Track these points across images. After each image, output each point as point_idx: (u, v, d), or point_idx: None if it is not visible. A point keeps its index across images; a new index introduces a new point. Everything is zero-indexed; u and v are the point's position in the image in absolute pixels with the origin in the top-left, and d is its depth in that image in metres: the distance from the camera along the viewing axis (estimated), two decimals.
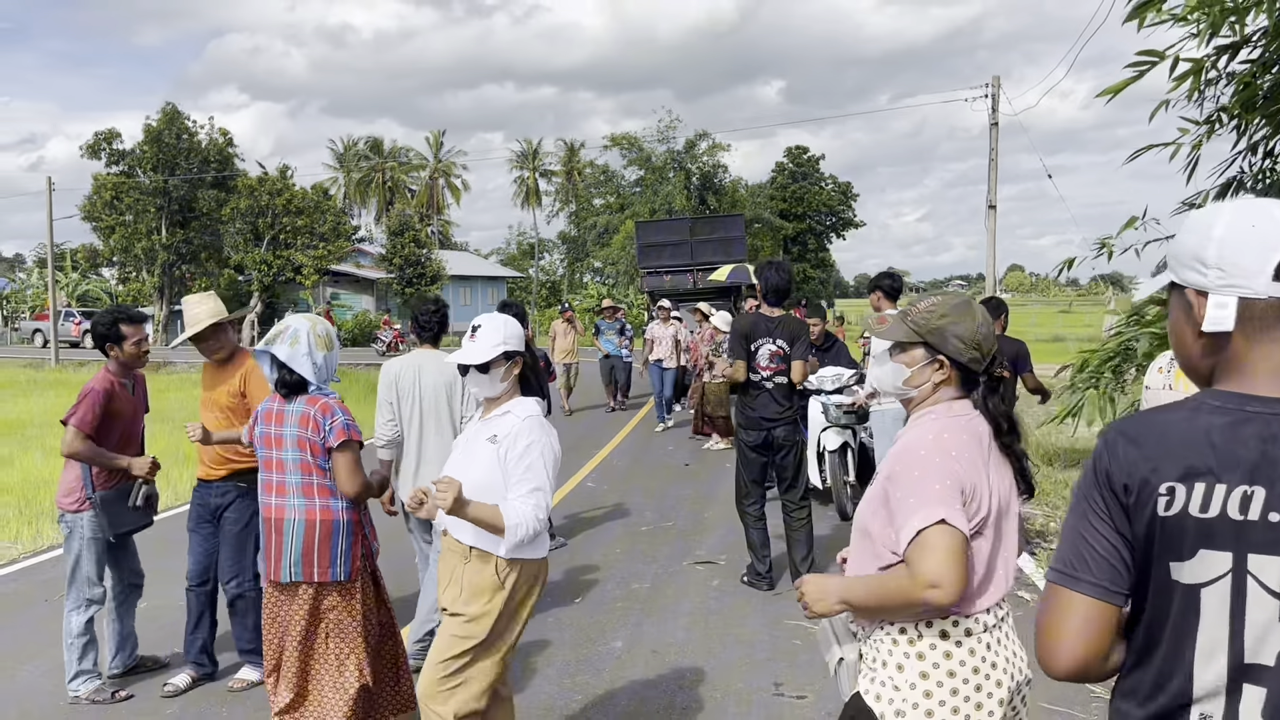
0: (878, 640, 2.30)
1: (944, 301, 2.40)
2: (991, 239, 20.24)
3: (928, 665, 2.22)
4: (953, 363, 2.34)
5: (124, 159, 44.26)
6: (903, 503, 2.18)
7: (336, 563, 3.76)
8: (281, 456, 3.76)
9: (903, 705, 2.21)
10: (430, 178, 74.55)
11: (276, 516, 3.77)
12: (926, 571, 2.09)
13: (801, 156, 61.40)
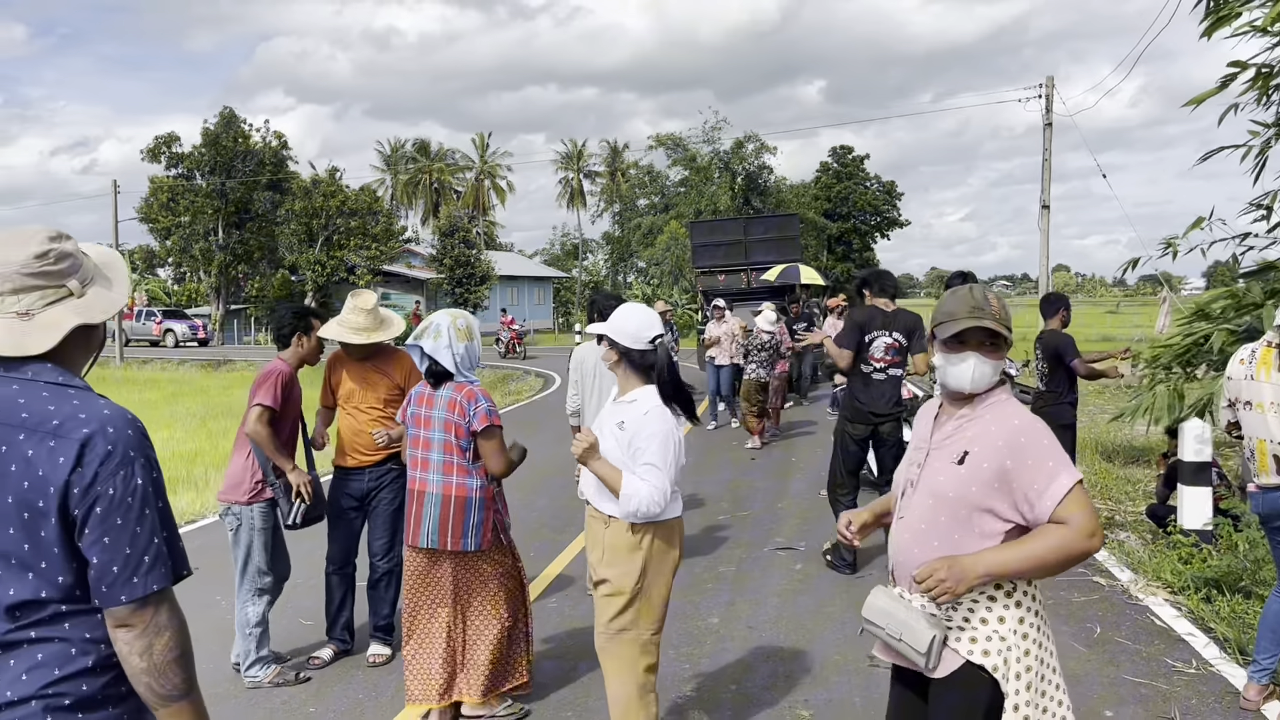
0: (968, 607, 2.50)
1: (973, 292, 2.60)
2: (1044, 239, 20.32)
3: (1024, 611, 2.50)
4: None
5: (182, 162, 45.37)
6: (1040, 468, 2.42)
7: (468, 535, 4.15)
8: (429, 436, 4.17)
9: (1007, 654, 2.45)
10: (476, 179, 75.36)
11: (420, 489, 4.19)
12: (1087, 522, 2.37)
13: (846, 156, 61.33)
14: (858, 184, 60.73)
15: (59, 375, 1.89)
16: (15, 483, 1.77)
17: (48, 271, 1.89)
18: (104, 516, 1.79)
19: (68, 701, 1.79)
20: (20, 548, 1.77)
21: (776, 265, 18.86)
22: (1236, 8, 6.31)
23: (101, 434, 1.80)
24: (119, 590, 1.79)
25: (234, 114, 45.32)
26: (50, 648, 1.80)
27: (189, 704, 1.90)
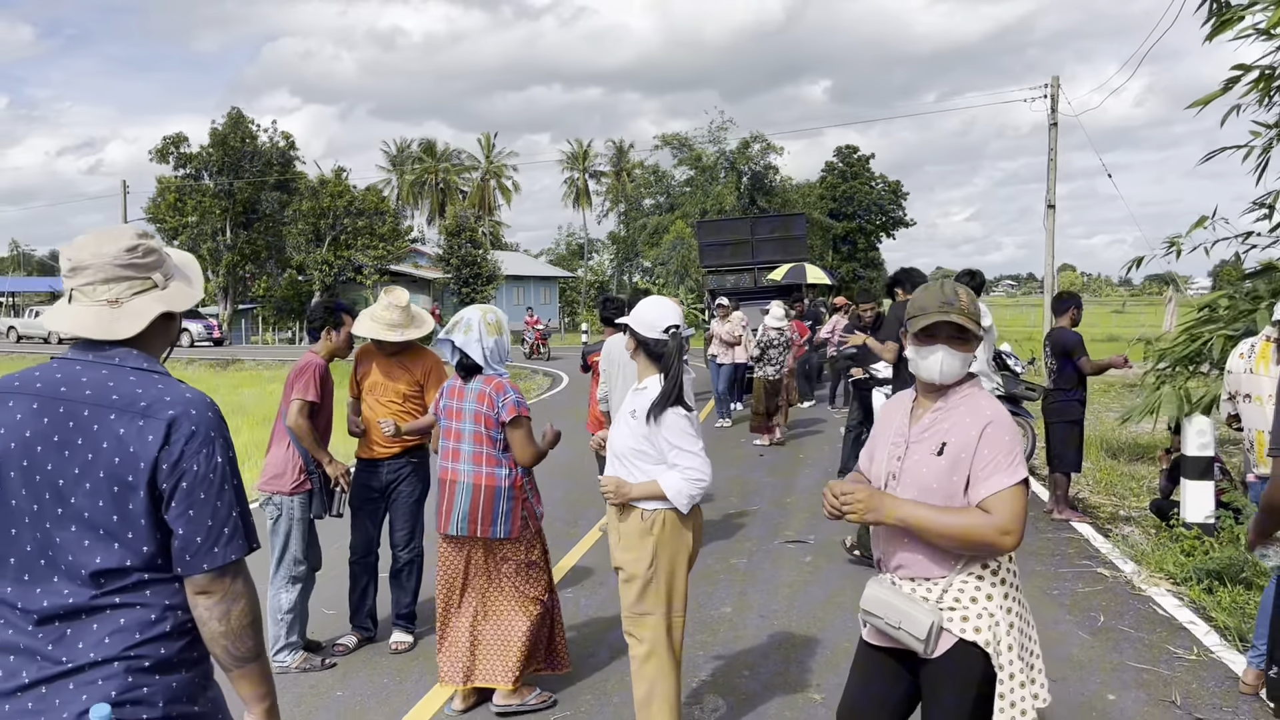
0: (961, 584, 2.63)
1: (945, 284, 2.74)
2: (1050, 239, 20.43)
3: (1007, 588, 2.66)
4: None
5: (190, 162, 45.57)
6: (993, 459, 2.57)
7: (498, 522, 4.29)
8: (460, 427, 4.32)
9: (996, 629, 2.59)
10: (482, 179, 75.52)
11: (451, 479, 4.33)
12: (1005, 520, 2.51)
13: (852, 156, 61.41)
14: (863, 183, 60.77)
15: (143, 361, 2.05)
16: (107, 459, 1.92)
17: (136, 264, 2.04)
18: (189, 491, 1.94)
19: (147, 664, 1.94)
20: (109, 519, 1.92)
21: (783, 265, 19.01)
22: (1240, 11, 6.44)
23: (185, 415, 1.95)
24: (201, 559, 1.94)
25: (242, 114, 45.49)
26: (132, 613, 1.94)
27: (259, 665, 2.06)
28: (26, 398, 1.97)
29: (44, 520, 1.93)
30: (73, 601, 1.92)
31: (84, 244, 2.05)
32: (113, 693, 1.89)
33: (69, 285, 2.06)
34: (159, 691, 1.95)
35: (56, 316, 2.07)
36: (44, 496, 1.93)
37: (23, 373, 2.06)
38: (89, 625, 1.92)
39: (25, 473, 1.93)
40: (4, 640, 1.94)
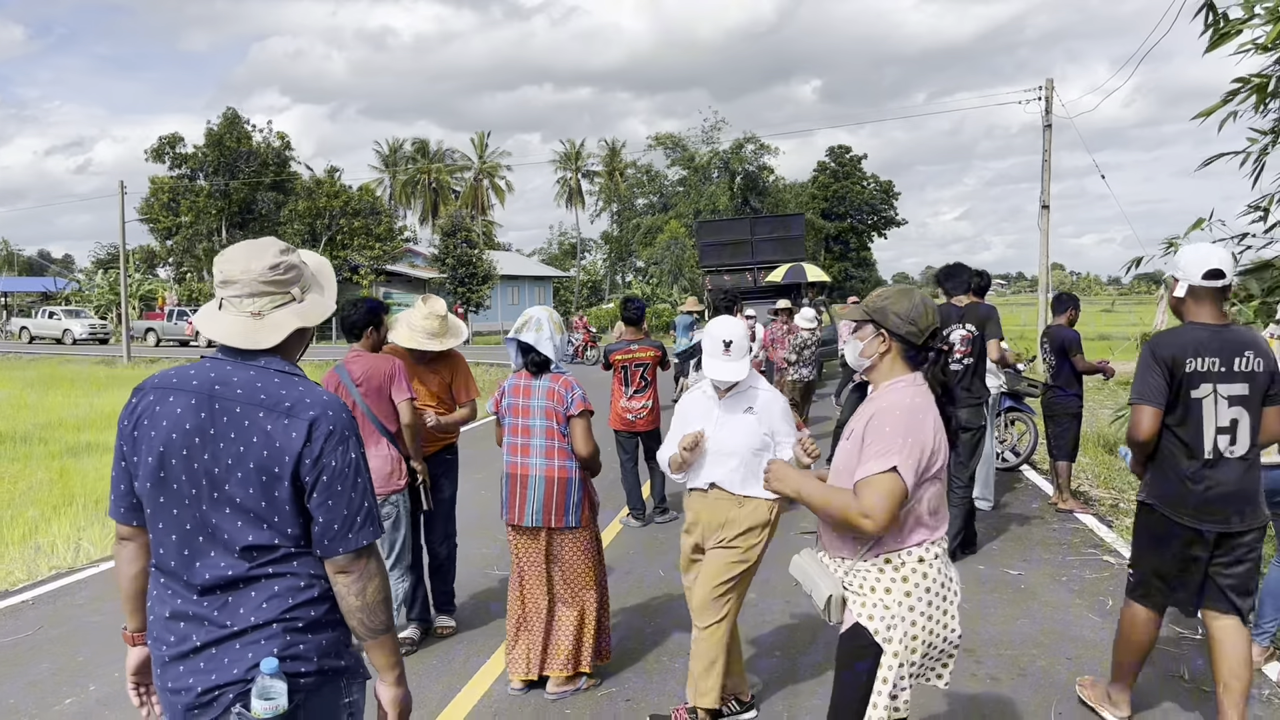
0: (863, 571, 2.83)
1: (888, 289, 3.04)
2: (1044, 238, 20.75)
3: (910, 585, 2.80)
4: (893, 335, 2.90)
5: (186, 162, 45.68)
6: (870, 447, 2.77)
7: (570, 512, 4.54)
8: (528, 424, 4.55)
9: (893, 620, 2.78)
10: (475, 179, 75.65)
11: (521, 473, 4.55)
12: (865, 503, 2.71)
13: (844, 156, 61.89)
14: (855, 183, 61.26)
15: (284, 365, 2.30)
16: (257, 451, 2.16)
17: (277, 280, 2.28)
18: (328, 484, 2.18)
19: (300, 624, 2.19)
20: (258, 504, 2.17)
21: (782, 264, 19.28)
22: (1238, 25, 6.73)
23: (324, 416, 2.20)
24: (338, 544, 2.20)
25: (237, 115, 45.66)
26: (284, 582, 2.20)
27: (389, 637, 2.32)
28: (186, 394, 2.22)
29: (201, 502, 2.18)
30: (230, 573, 2.17)
31: (234, 259, 2.29)
32: (275, 650, 2.15)
33: (220, 294, 2.30)
34: (313, 648, 2.20)
35: (207, 322, 2.31)
36: (201, 482, 2.18)
37: (179, 370, 2.30)
38: (247, 593, 2.18)
39: (185, 460, 2.18)
40: (174, 609, 2.20)
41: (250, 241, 2.36)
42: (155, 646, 2.24)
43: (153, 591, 2.28)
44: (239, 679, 2.14)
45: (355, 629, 2.26)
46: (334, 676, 2.25)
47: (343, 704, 2.29)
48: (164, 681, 2.21)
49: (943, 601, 2.86)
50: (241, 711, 2.14)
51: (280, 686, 2.11)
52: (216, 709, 2.15)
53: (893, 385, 2.91)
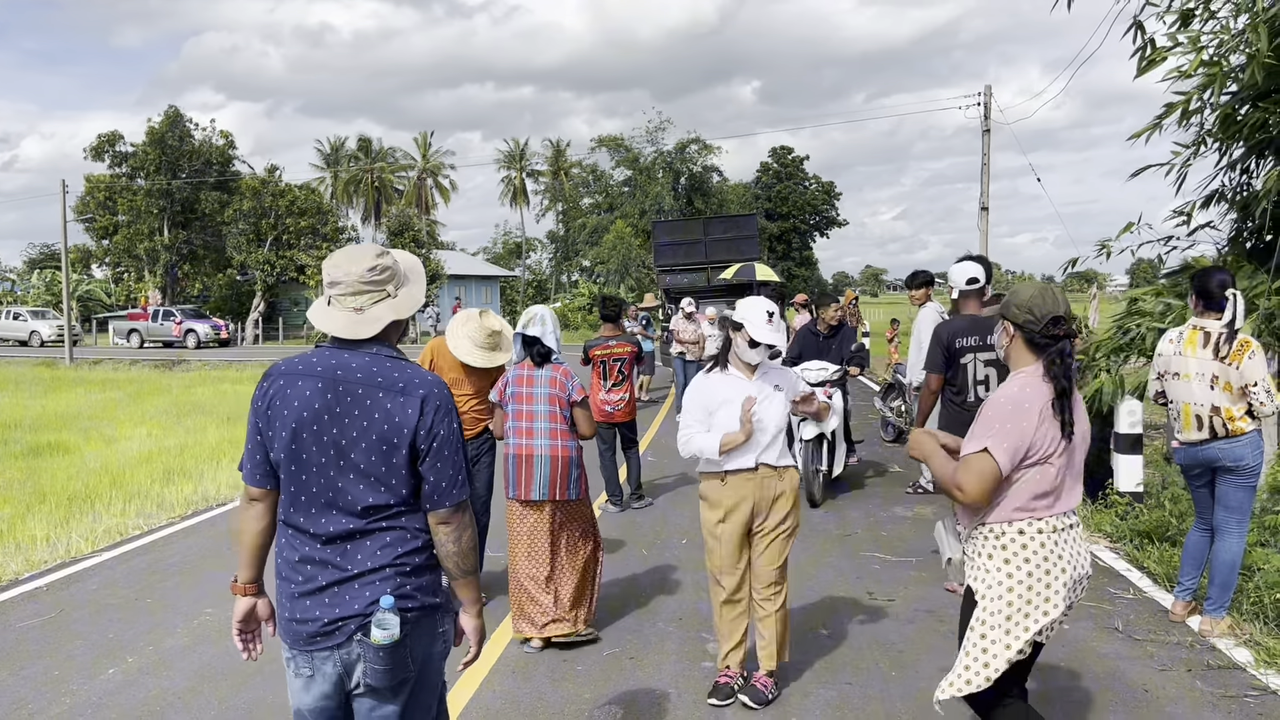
0: (975, 538, 3.21)
1: (1023, 285, 3.43)
2: (984, 238, 21.65)
3: (1009, 554, 3.12)
4: (1014, 325, 3.21)
5: (127, 161, 45.05)
6: (975, 428, 3.15)
7: (572, 486, 5.07)
8: (533, 409, 5.06)
9: (992, 583, 3.14)
10: (418, 177, 75.42)
11: (527, 454, 5.05)
12: (959, 478, 3.10)
13: (786, 157, 62.84)
14: (798, 184, 62.22)
15: (390, 351, 2.76)
16: (379, 425, 2.62)
17: (375, 280, 2.73)
18: (438, 449, 2.65)
19: (408, 568, 2.66)
20: (379, 469, 2.62)
21: (735, 264, 19.89)
22: (1164, 53, 7.45)
23: (432, 394, 2.67)
24: (444, 499, 2.67)
25: (179, 113, 45.15)
26: (395, 534, 2.66)
27: (475, 578, 2.81)
28: (312, 378, 2.66)
29: (329, 470, 2.63)
30: (351, 527, 2.63)
31: (339, 264, 2.73)
32: (389, 589, 2.61)
33: (328, 293, 2.75)
34: (417, 588, 2.67)
35: (319, 317, 2.76)
36: (330, 452, 2.62)
37: (301, 357, 2.75)
38: (364, 543, 2.64)
39: (315, 434, 2.63)
40: (303, 555, 2.65)
41: (352, 247, 2.82)
42: (284, 585, 2.69)
43: (281, 540, 2.72)
44: (359, 613, 2.59)
45: (450, 570, 2.73)
46: (432, 611, 2.71)
47: (438, 633, 2.76)
48: (291, 614, 2.66)
49: (1045, 575, 3.11)
50: (362, 639, 2.60)
51: (395, 619, 2.57)
52: (339, 637, 2.61)
53: (1015, 375, 3.22)
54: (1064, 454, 3.11)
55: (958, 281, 6.08)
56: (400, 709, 2.69)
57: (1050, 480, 3.11)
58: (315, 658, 2.64)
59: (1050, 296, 3.19)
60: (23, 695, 4.80)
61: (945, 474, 3.21)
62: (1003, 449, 3.05)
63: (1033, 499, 3.11)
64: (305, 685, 2.68)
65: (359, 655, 2.61)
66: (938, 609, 5.81)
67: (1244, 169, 8.27)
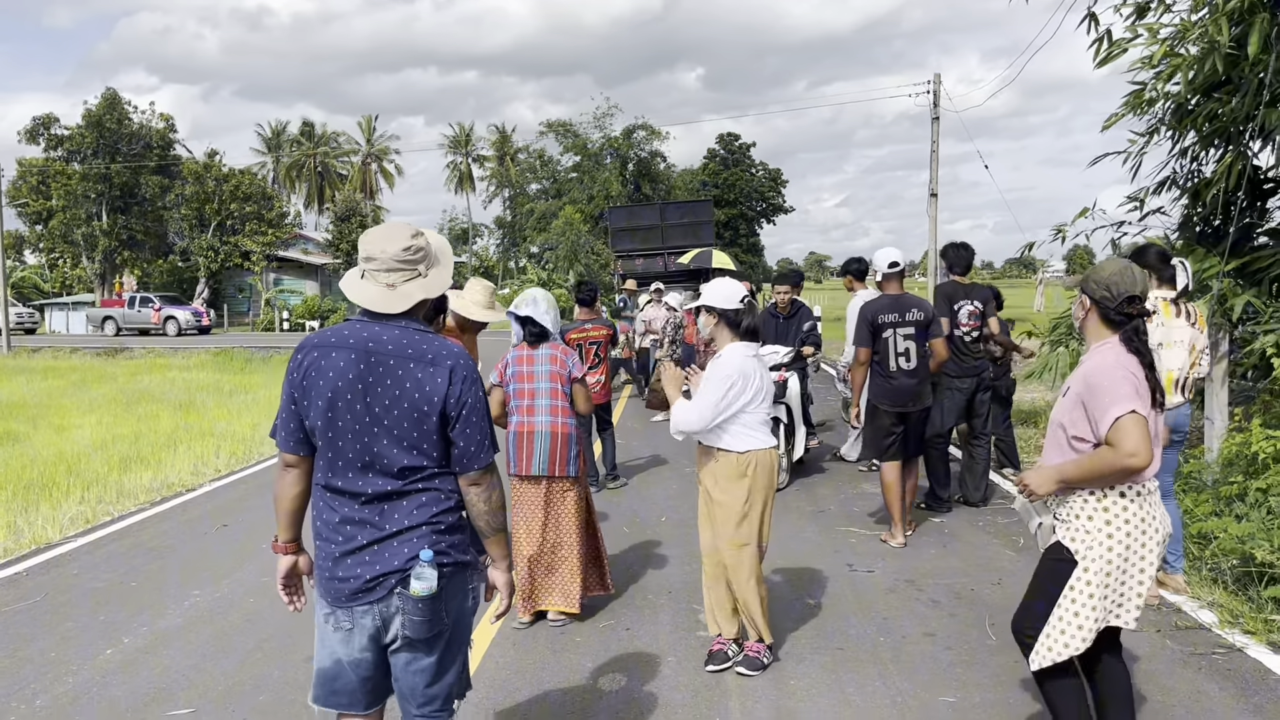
0: (1072, 502, 3.30)
1: (1103, 261, 3.51)
2: (933, 224, 22.08)
3: (1111, 515, 3.25)
4: (1092, 300, 3.36)
5: (63, 144, 43.89)
6: (1100, 400, 3.15)
7: (570, 463, 5.18)
8: (534, 387, 5.16)
9: (1091, 542, 3.25)
10: (363, 162, 74.47)
11: (529, 430, 5.16)
12: (1129, 445, 3.07)
13: (733, 144, 63.14)
14: (744, 171, 62.56)
15: (419, 325, 2.87)
16: (410, 394, 2.73)
17: (408, 260, 2.83)
18: (466, 416, 2.77)
19: (442, 527, 2.79)
20: (412, 435, 2.74)
21: (691, 250, 20.05)
22: (1125, 44, 7.73)
23: (459, 364, 2.78)
24: (473, 461, 2.79)
25: (117, 95, 44.09)
26: (429, 494, 2.78)
27: (504, 535, 2.96)
28: (346, 350, 2.76)
29: (364, 435, 2.73)
30: (388, 488, 2.75)
31: (375, 240, 2.84)
32: (425, 545, 2.73)
33: (363, 268, 2.85)
34: (451, 545, 2.81)
35: (353, 288, 2.85)
36: (365, 419, 2.73)
37: (335, 329, 2.84)
38: (400, 503, 2.76)
39: (349, 403, 2.73)
40: (343, 516, 2.77)
41: (387, 225, 2.91)
42: (324, 546, 2.80)
43: (319, 504, 2.82)
44: (399, 568, 2.73)
45: (481, 528, 2.88)
46: (464, 568, 2.86)
47: (469, 588, 2.92)
48: (334, 573, 2.77)
49: (1141, 535, 3.25)
50: (401, 591, 2.73)
51: (433, 572, 2.71)
52: (380, 591, 2.74)
53: (1099, 347, 3.34)
54: (1152, 421, 3.22)
55: (880, 265, 6.99)
56: (436, 661, 2.85)
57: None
58: (355, 612, 2.77)
59: (1129, 276, 3.30)
60: (23, 676, 4.80)
61: (1105, 461, 3.16)
62: (1142, 406, 3.14)
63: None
64: (345, 639, 2.81)
65: (397, 609, 2.75)
66: (916, 579, 6.04)
67: (1195, 157, 8.61)
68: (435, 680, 2.87)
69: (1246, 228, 8.22)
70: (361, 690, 2.88)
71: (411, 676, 2.85)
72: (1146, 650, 4.80)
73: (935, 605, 5.56)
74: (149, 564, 6.80)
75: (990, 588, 5.84)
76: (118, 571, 6.62)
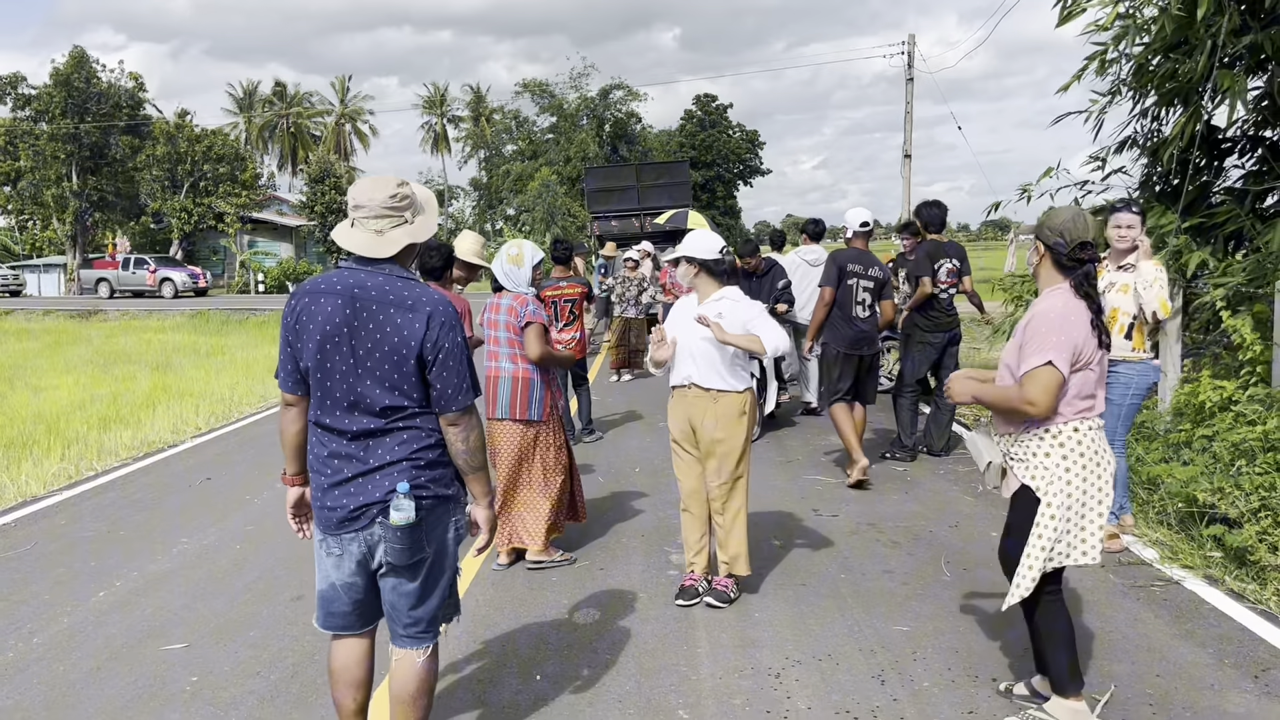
0: (1027, 441, 3.42)
1: (1056, 211, 3.59)
2: (907, 186, 22.30)
3: (1067, 450, 3.38)
4: (1045, 246, 3.47)
5: (30, 104, 43.23)
6: (1029, 345, 3.35)
7: (533, 407, 5.40)
8: (498, 335, 5.40)
9: (1051, 479, 3.38)
10: (337, 123, 73.72)
11: (494, 375, 5.43)
12: (1031, 393, 3.32)
13: (710, 105, 62.90)
14: (721, 132, 62.36)
15: (403, 272, 3.04)
16: (390, 337, 2.91)
17: (395, 207, 3.01)
18: (444, 360, 2.95)
19: (422, 462, 2.99)
20: (392, 377, 2.92)
21: (668, 210, 20.17)
22: (1083, 4, 7.93)
23: (437, 310, 2.96)
24: (450, 403, 2.98)
25: (85, 54, 43.34)
26: (410, 432, 2.98)
27: (484, 473, 3.15)
28: (334, 295, 2.94)
29: (350, 376, 2.92)
30: (372, 426, 2.95)
31: (363, 190, 3.01)
32: (405, 479, 2.93)
33: (352, 216, 3.02)
34: (430, 480, 3.01)
35: (343, 235, 3.02)
36: (350, 361, 2.92)
37: (324, 277, 3.02)
38: (384, 440, 2.96)
39: (336, 346, 2.92)
40: (331, 450, 2.97)
41: (375, 176, 3.09)
42: (316, 478, 3.02)
43: (312, 439, 3.03)
44: (380, 500, 2.94)
45: (460, 467, 3.07)
46: (444, 501, 3.06)
47: (451, 521, 3.12)
48: (324, 502, 2.99)
49: (1096, 467, 3.41)
50: (382, 520, 2.95)
51: (410, 504, 2.92)
52: (363, 521, 2.95)
53: (1049, 292, 3.46)
54: (1099, 361, 3.43)
55: (853, 223, 7.49)
56: (419, 586, 3.06)
57: (1092, 384, 3.42)
58: (343, 539, 2.99)
59: (1082, 222, 3.43)
60: (19, 617, 4.99)
61: (1009, 397, 3.41)
62: (1062, 358, 3.32)
63: (1081, 401, 3.41)
64: (336, 564, 3.04)
65: (380, 537, 2.97)
66: (878, 522, 6.31)
67: (1155, 116, 8.85)
68: (418, 604, 3.08)
69: (1203, 186, 8.48)
70: (354, 612, 3.11)
71: (397, 599, 3.07)
72: (1090, 584, 5.09)
73: (894, 546, 5.83)
74: (135, 515, 6.98)
75: (947, 530, 6.12)
76: (105, 522, 6.80)
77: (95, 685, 4.15)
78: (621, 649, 4.40)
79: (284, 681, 4.14)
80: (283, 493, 3.34)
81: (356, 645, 3.19)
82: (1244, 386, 6.66)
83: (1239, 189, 8.47)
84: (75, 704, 3.99)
